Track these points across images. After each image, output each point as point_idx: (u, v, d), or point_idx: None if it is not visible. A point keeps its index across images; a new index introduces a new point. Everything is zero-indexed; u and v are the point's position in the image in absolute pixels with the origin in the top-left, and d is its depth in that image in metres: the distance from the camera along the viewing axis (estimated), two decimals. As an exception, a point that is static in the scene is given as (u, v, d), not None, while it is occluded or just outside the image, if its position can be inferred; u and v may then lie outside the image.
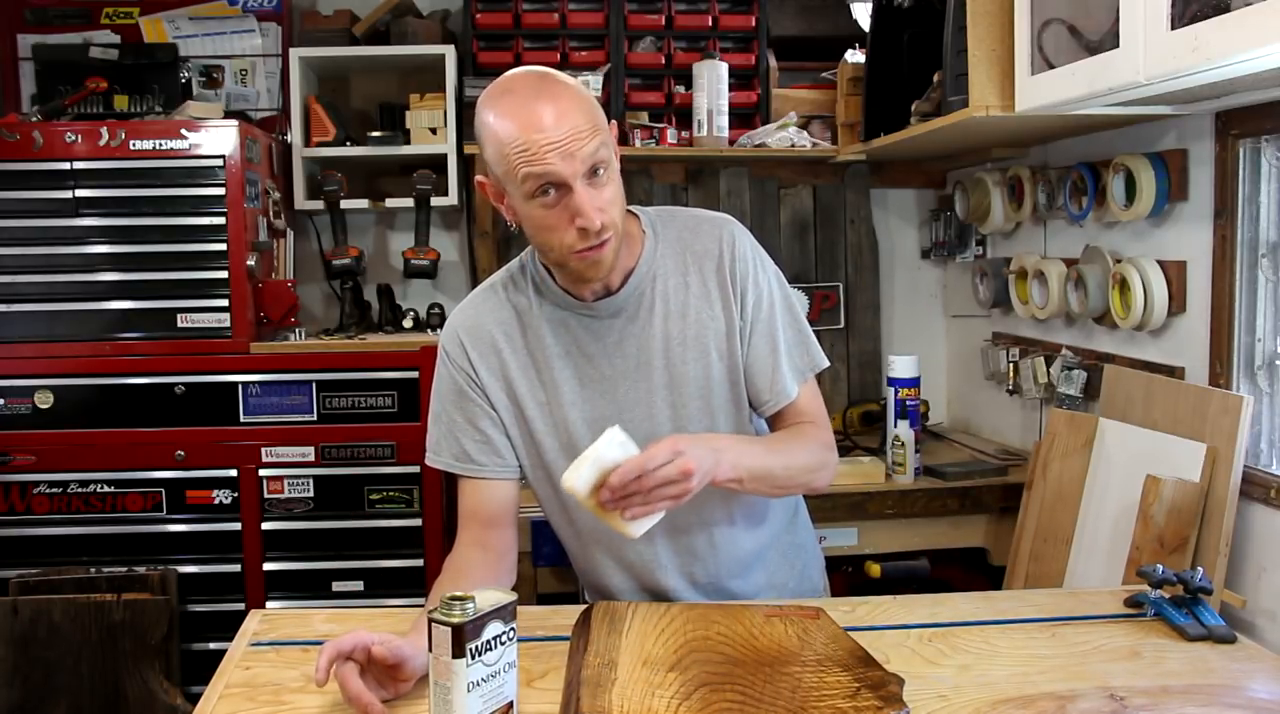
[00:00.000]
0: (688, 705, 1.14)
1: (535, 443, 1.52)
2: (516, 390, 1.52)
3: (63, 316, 2.64)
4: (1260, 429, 1.97)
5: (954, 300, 3.29)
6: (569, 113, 1.32)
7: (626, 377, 1.50)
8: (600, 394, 1.50)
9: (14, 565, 2.59)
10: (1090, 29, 1.80)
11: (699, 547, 1.56)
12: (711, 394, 1.52)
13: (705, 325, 1.51)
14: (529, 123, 1.31)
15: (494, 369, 1.52)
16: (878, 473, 2.59)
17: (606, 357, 1.50)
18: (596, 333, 1.50)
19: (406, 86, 3.05)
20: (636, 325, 1.50)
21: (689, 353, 1.50)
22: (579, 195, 1.32)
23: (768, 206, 3.18)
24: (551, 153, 1.30)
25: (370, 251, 3.19)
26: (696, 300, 1.51)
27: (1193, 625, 1.40)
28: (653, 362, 1.50)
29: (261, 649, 1.40)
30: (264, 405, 2.66)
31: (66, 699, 2.48)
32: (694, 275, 1.52)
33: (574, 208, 1.33)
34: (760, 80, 3.12)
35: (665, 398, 1.50)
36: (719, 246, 1.52)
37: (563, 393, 1.50)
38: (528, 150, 1.31)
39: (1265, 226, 1.96)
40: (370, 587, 2.71)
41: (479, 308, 1.55)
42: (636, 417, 1.49)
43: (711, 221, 1.56)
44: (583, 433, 1.47)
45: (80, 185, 2.62)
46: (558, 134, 1.30)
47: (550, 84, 1.35)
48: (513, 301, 1.54)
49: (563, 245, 1.36)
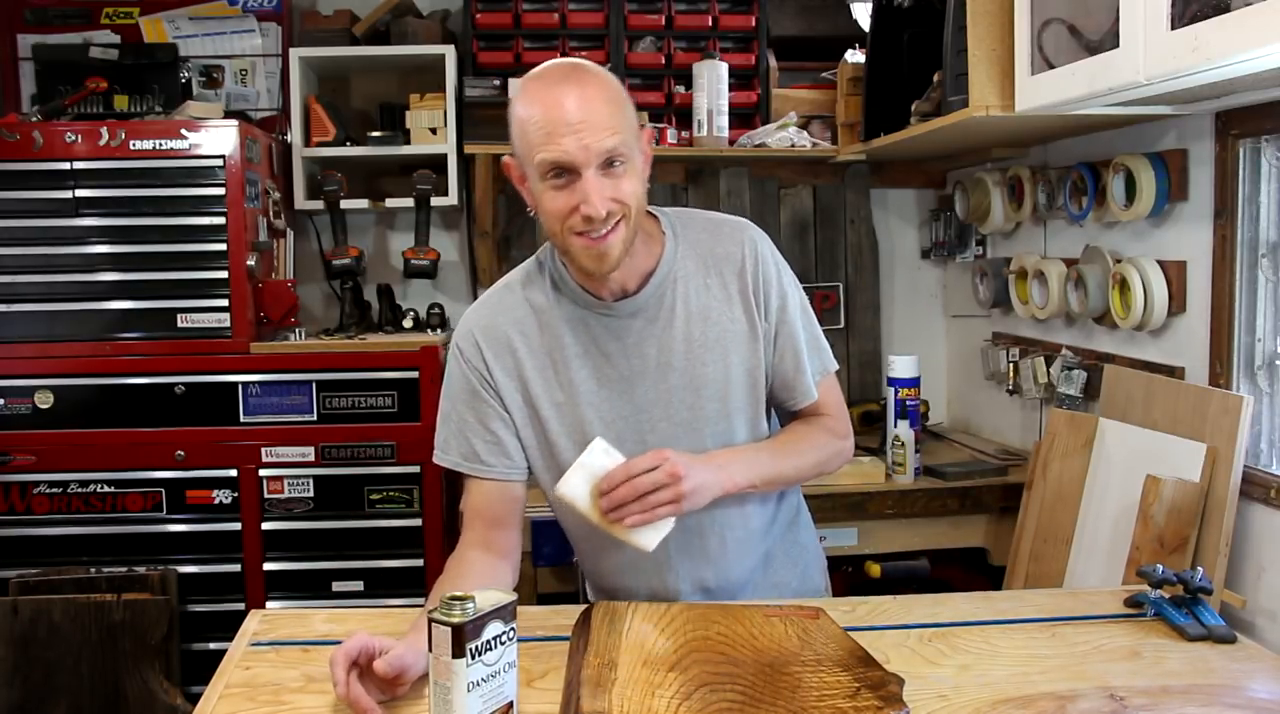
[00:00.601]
0: (688, 706, 1.14)
1: (549, 443, 1.52)
2: (532, 391, 1.50)
3: (63, 316, 2.64)
4: (1260, 429, 1.97)
5: (954, 300, 3.29)
6: (592, 101, 1.33)
7: (645, 377, 1.49)
8: (619, 394, 1.49)
9: (14, 565, 2.59)
10: (1090, 29, 1.80)
11: (711, 549, 1.56)
12: (729, 396, 1.51)
13: (725, 328, 1.51)
14: (551, 105, 1.33)
15: (509, 369, 1.51)
16: (878, 473, 2.59)
17: (625, 357, 1.49)
18: (616, 332, 1.49)
19: (406, 86, 3.05)
20: (657, 326, 1.49)
21: (709, 355, 1.50)
22: (587, 182, 1.33)
23: (768, 207, 3.18)
24: (567, 137, 1.31)
25: (370, 252, 3.19)
26: (718, 303, 1.51)
27: (1193, 625, 1.40)
28: (672, 362, 1.49)
29: (261, 649, 1.40)
30: (264, 405, 2.66)
31: (66, 699, 2.48)
32: (714, 278, 1.51)
33: (580, 194, 1.33)
34: (760, 80, 3.12)
35: (683, 399, 1.49)
36: (741, 251, 1.52)
37: (580, 393, 1.49)
38: (545, 132, 1.32)
39: (1265, 226, 1.96)
40: (370, 587, 2.71)
41: (494, 307, 1.54)
42: (654, 417, 1.49)
43: (732, 225, 1.56)
44: (600, 433, 1.46)
45: (80, 185, 2.62)
46: (576, 120, 1.31)
47: (580, 73, 1.37)
48: (530, 300, 1.53)
49: (565, 230, 1.37)
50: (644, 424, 1.48)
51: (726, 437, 1.51)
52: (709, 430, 1.50)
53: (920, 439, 2.64)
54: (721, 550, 1.57)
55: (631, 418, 1.48)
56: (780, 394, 1.57)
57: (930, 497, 2.57)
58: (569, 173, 1.34)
